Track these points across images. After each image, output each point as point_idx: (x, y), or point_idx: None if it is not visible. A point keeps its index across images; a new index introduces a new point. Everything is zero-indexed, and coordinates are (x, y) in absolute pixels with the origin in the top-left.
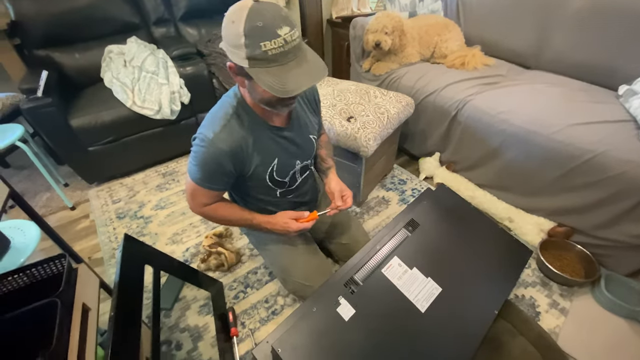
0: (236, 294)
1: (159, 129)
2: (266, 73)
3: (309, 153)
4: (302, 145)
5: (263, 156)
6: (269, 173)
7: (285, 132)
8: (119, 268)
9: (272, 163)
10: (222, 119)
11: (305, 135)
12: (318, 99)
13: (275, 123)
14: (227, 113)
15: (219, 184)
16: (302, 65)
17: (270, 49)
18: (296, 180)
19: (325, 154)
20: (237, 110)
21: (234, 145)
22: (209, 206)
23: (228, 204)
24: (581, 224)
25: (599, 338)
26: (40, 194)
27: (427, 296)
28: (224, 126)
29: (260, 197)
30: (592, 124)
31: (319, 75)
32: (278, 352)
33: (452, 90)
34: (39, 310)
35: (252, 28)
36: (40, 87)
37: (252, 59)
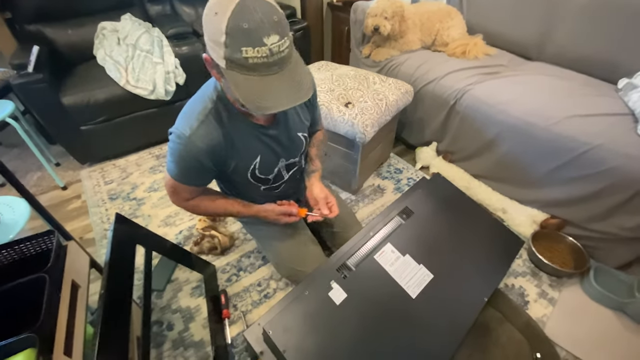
0: (229, 277)
1: (153, 109)
2: (244, 80)
3: (295, 151)
4: (288, 144)
5: (244, 154)
6: (250, 170)
7: (269, 130)
8: (109, 247)
9: (254, 161)
10: (200, 114)
11: (293, 133)
12: (314, 94)
13: (258, 121)
14: (206, 108)
15: (198, 180)
16: (286, 81)
17: (251, 56)
18: (282, 177)
19: (314, 154)
20: (216, 105)
21: (212, 143)
22: (191, 201)
23: (211, 197)
24: (574, 216)
25: (585, 328)
26: (31, 173)
27: (418, 282)
28: (202, 122)
29: (244, 191)
30: (590, 116)
31: (302, 95)
32: (269, 334)
33: (451, 79)
34: (28, 286)
35: (236, 28)
36: (31, 62)
37: (230, 61)
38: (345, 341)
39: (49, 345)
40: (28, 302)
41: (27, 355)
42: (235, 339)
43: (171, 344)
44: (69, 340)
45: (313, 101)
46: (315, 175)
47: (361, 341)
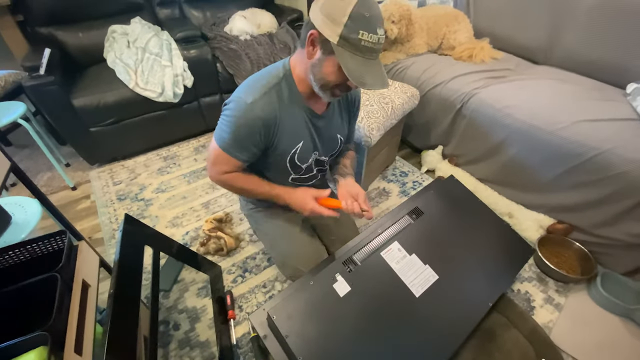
0: (234, 278)
1: (161, 112)
2: (350, 58)
3: (329, 150)
4: (327, 139)
5: (292, 135)
6: (291, 154)
7: (318, 120)
8: (119, 247)
9: (297, 145)
10: (264, 86)
11: (334, 132)
12: (358, 105)
13: (312, 107)
14: (270, 82)
15: (244, 153)
16: (376, 68)
17: (365, 39)
18: (312, 170)
19: (349, 164)
20: (280, 82)
21: (269, 116)
22: (228, 174)
23: (247, 175)
24: (581, 221)
25: (592, 334)
26: (42, 174)
27: (423, 282)
28: (265, 94)
29: (274, 178)
30: (598, 121)
31: (385, 83)
32: (273, 319)
33: (458, 82)
34: (39, 285)
35: (359, 14)
36: (42, 65)
37: (344, 39)
38: (346, 332)
39: (60, 343)
40: (39, 302)
41: (39, 353)
42: (241, 339)
43: (177, 344)
44: (80, 338)
45: (356, 112)
46: (349, 177)
47: (361, 333)
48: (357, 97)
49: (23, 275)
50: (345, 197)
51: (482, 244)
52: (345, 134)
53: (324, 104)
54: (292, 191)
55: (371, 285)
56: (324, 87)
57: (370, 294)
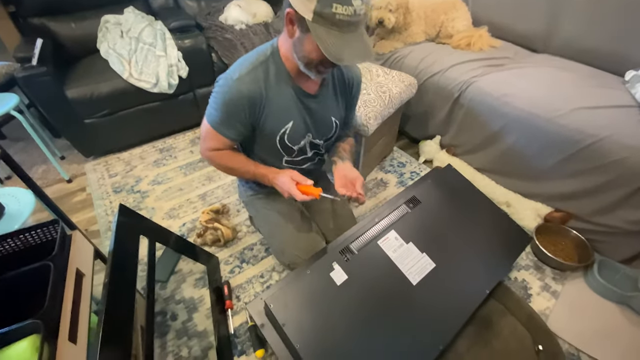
0: (232, 269)
1: (156, 103)
2: (326, 33)
3: (324, 132)
4: (320, 121)
5: (279, 114)
6: (280, 134)
7: (310, 100)
8: (113, 237)
9: (287, 125)
10: (251, 63)
11: (327, 113)
12: (356, 89)
13: (302, 86)
14: (257, 60)
15: (231, 131)
16: (357, 41)
17: (339, 13)
18: (306, 152)
19: (348, 150)
20: (267, 60)
21: (254, 92)
22: (216, 152)
23: (235, 153)
24: (579, 209)
25: (588, 321)
26: (37, 166)
27: (420, 270)
28: (251, 71)
29: (267, 161)
30: (596, 108)
31: (368, 55)
32: (270, 307)
33: (456, 71)
34: (33, 274)
35: None
36: (35, 55)
37: (318, 14)
38: (343, 320)
39: (53, 331)
40: (33, 291)
41: (32, 341)
42: (238, 329)
43: (175, 334)
44: (74, 327)
45: (354, 95)
46: (347, 162)
47: (358, 321)
48: (355, 80)
49: (18, 265)
50: (342, 180)
51: (479, 233)
52: (342, 118)
53: (316, 83)
54: (277, 171)
55: (368, 274)
56: (308, 65)
57: (367, 282)
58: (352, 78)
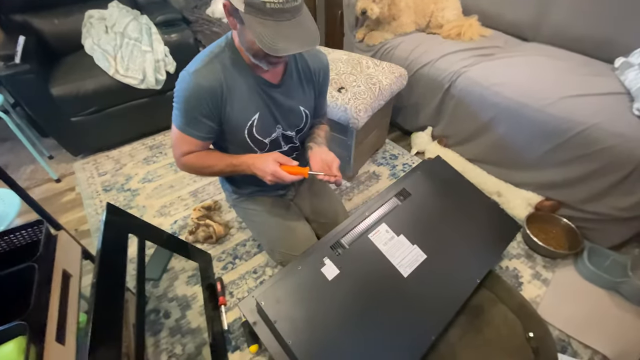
0: (224, 265)
1: (144, 99)
2: (259, 24)
3: (293, 123)
4: (287, 111)
5: (243, 105)
6: (248, 127)
7: (273, 90)
8: (101, 236)
9: (253, 117)
10: (206, 56)
11: (294, 104)
12: (323, 78)
13: (264, 76)
14: (212, 52)
15: (200, 128)
16: (296, 29)
17: (268, 1)
18: (280, 146)
19: (322, 136)
20: (223, 51)
21: (213, 84)
22: (190, 155)
23: (208, 151)
24: (568, 197)
25: (578, 307)
26: (24, 167)
27: (411, 262)
28: (207, 63)
29: None
30: (585, 96)
31: (309, 43)
32: (261, 305)
33: (447, 61)
34: (17, 276)
35: None
36: (17, 53)
37: (248, 5)
38: (335, 314)
39: (40, 333)
40: (19, 293)
41: (18, 343)
42: (232, 325)
43: (168, 332)
44: (61, 328)
45: (322, 84)
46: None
47: (350, 315)
48: (322, 68)
49: (3, 268)
50: (319, 163)
51: (469, 223)
52: (311, 107)
53: (278, 72)
54: (256, 156)
55: (360, 268)
56: (256, 57)
57: (358, 276)
58: (319, 67)
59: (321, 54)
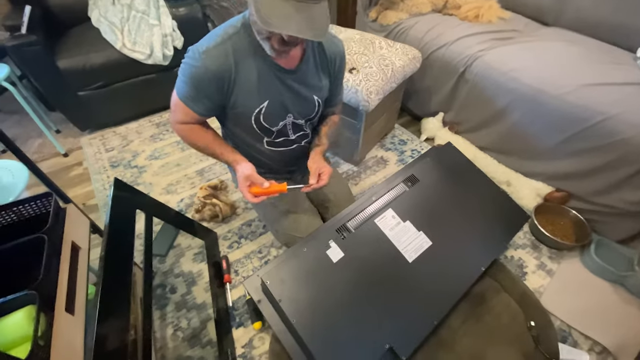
0: (230, 244)
1: (151, 75)
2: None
3: (305, 112)
4: (300, 100)
5: (252, 92)
6: (255, 114)
7: (287, 76)
8: (109, 210)
9: (261, 105)
10: (219, 36)
11: (308, 92)
12: (339, 65)
13: (278, 61)
14: (226, 33)
15: (199, 105)
16: (302, 13)
17: None
18: (287, 134)
19: (324, 132)
20: (237, 32)
21: (221, 69)
22: (185, 125)
23: (203, 130)
24: (580, 189)
25: (581, 299)
26: (32, 140)
27: (416, 248)
28: (219, 44)
29: (248, 141)
30: (605, 85)
31: (311, 32)
32: (266, 284)
33: (463, 44)
34: (27, 247)
35: None
36: (24, 23)
37: None
38: (339, 296)
39: (49, 303)
40: (28, 264)
41: (28, 312)
42: (237, 302)
43: (174, 306)
44: (71, 298)
45: (338, 71)
46: (317, 150)
47: (354, 297)
48: (338, 54)
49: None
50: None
51: (477, 211)
52: (324, 96)
53: (294, 58)
54: (239, 160)
55: (364, 252)
56: (260, 34)
57: (363, 260)
58: (335, 53)
59: (337, 40)
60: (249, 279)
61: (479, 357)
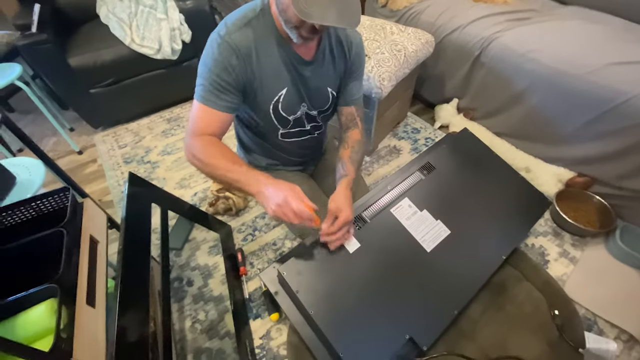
0: (244, 237)
1: (161, 70)
2: None
3: (318, 104)
4: (314, 91)
5: (271, 78)
6: (274, 102)
7: (304, 66)
8: (124, 204)
9: (280, 92)
10: (238, 20)
11: (323, 83)
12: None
13: (297, 50)
14: (245, 16)
15: (224, 98)
16: (338, 3)
17: None
18: (303, 124)
19: (347, 156)
20: (257, 17)
21: (244, 51)
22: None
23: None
24: (603, 173)
25: (606, 287)
26: (47, 138)
27: (434, 237)
28: (239, 28)
29: (262, 132)
30: (629, 64)
31: (349, 20)
32: (283, 275)
33: (477, 26)
34: (46, 241)
35: None
36: (34, 22)
37: None
38: (356, 286)
39: (71, 295)
40: (48, 257)
41: (50, 305)
42: (253, 294)
43: (191, 299)
44: (91, 291)
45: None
46: (342, 183)
47: (372, 288)
48: (354, 42)
49: (32, 233)
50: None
51: (496, 198)
52: (337, 88)
53: (312, 48)
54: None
55: (381, 242)
56: (288, 23)
57: (380, 250)
58: (351, 42)
59: (354, 30)
60: (265, 270)
61: (501, 346)
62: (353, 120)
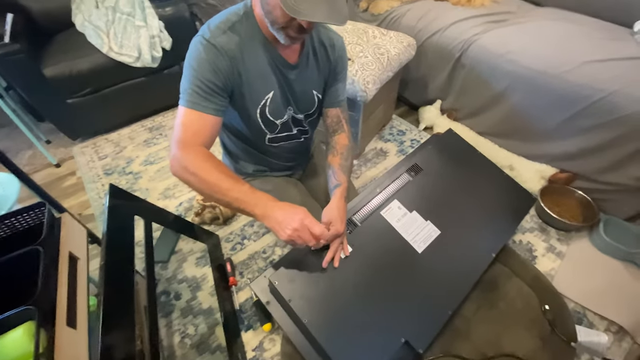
0: (233, 246)
1: (141, 78)
2: None
3: (304, 107)
4: (300, 94)
5: (258, 82)
6: (261, 106)
7: (289, 70)
8: (105, 218)
9: (267, 96)
10: (222, 23)
11: (308, 86)
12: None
13: (282, 53)
14: (229, 20)
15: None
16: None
17: None
18: (290, 129)
19: (338, 164)
20: (240, 21)
21: (230, 54)
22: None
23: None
24: (584, 168)
25: (593, 279)
26: (23, 152)
27: (425, 238)
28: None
29: (250, 139)
30: (605, 61)
31: (337, 17)
32: (275, 284)
33: (457, 29)
34: (22, 260)
35: None
36: (6, 32)
37: None
38: (350, 292)
39: (49, 317)
40: (25, 277)
41: (27, 328)
42: (244, 304)
43: (180, 313)
44: (72, 312)
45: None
46: (337, 193)
47: (365, 292)
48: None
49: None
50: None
51: (483, 196)
52: (322, 91)
53: (296, 51)
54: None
55: (372, 245)
56: (274, 24)
57: (372, 253)
58: (333, 43)
59: (335, 32)
60: (255, 280)
61: (495, 343)
62: (339, 122)
